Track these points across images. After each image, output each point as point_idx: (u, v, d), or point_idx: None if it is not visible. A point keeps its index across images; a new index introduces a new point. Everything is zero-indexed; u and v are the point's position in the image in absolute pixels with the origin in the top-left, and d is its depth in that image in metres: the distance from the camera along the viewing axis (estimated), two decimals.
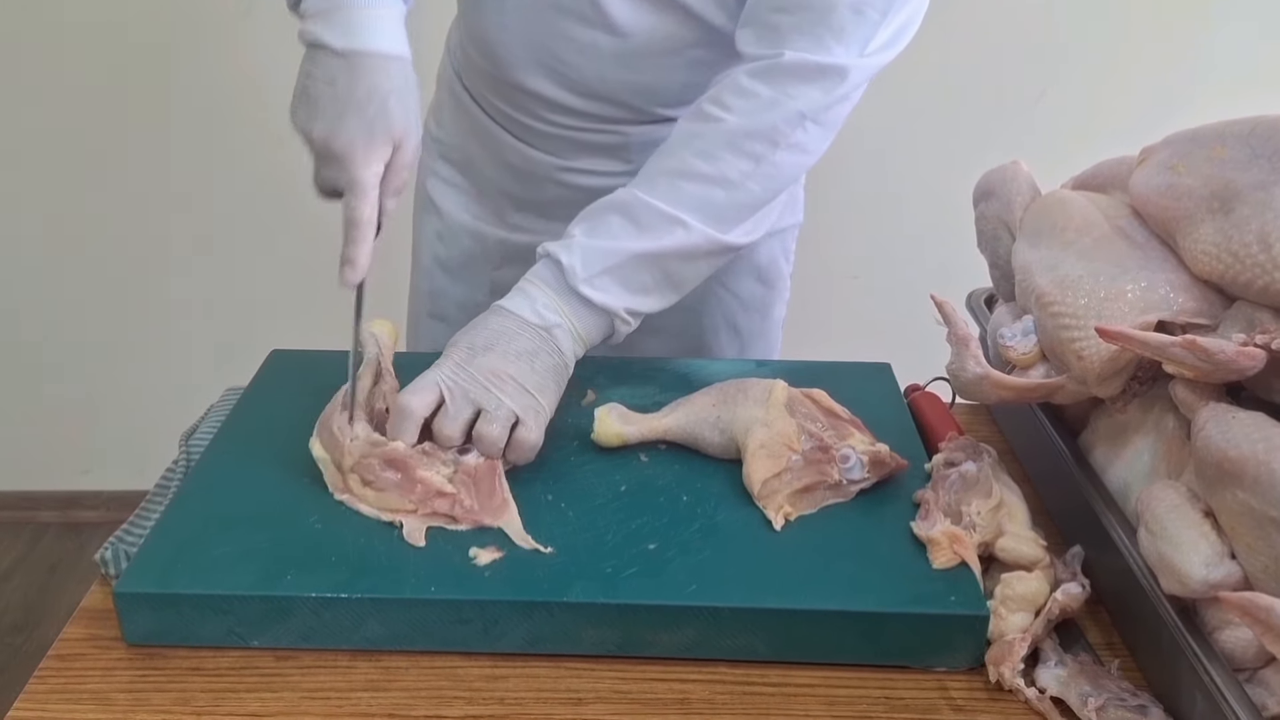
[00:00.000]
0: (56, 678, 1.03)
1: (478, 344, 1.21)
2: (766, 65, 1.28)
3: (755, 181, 1.30)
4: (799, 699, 1.01)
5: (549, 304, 1.25)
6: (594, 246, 1.26)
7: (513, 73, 1.48)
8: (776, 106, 1.28)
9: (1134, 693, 0.97)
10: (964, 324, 1.17)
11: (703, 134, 1.29)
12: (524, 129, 1.54)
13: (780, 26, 1.28)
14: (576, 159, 1.55)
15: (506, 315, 1.24)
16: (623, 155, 1.54)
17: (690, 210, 1.28)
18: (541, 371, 1.22)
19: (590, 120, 1.50)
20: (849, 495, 1.17)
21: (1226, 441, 0.91)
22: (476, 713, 0.99)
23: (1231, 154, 1.05)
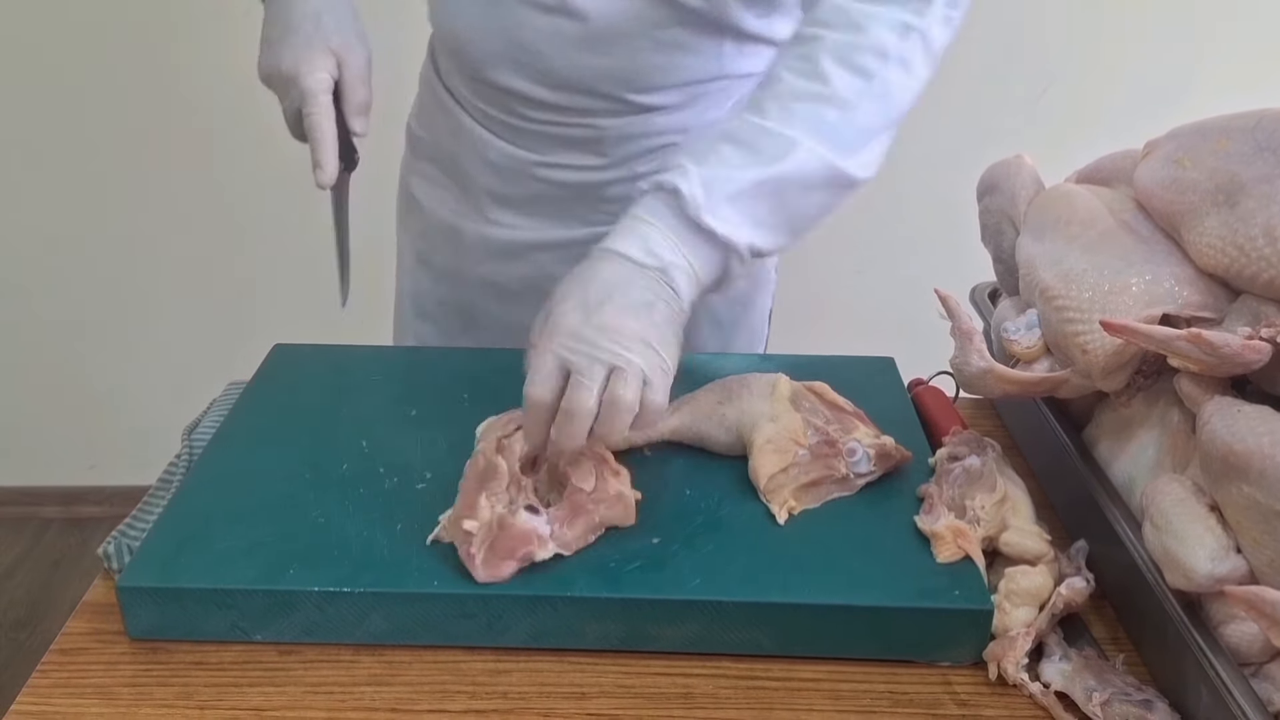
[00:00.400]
0: (59, 672, 1.03)
1: (591, 299, 1.09)
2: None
3: (868, 100, 1.22)
4: (803, 693, 1.01)
5: (664, 240, 1.14)
6: (712, 175, 1.15)
7: (483, 69, 1.48)
8: (878, 19, 1.21)
9: (1139, 687, 0.96)
10: (968, 318, 1.17)
11: (806, 55, 1.21)
12: (501, 125, 1.54)
13: None
14: (554, 154, 1.54)
15: (617, 260, 1.13)
16: (599, 149, 1.53)
17: (805, 131, 1.18)
18: (661, 324, 1.11)
19: (565, 114, 1.49)
20: (854, 489, 1.16)
21: (1232, 435, 0.90)
22: (479, 707, 0.99)
23: (1236, 147, 1.05)
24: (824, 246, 2.84)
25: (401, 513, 1.12)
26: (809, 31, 1.23)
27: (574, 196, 1.57)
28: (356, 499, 1.14)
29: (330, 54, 1.27)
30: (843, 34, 1.20)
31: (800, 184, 1.19)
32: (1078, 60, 2.64)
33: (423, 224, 1.71)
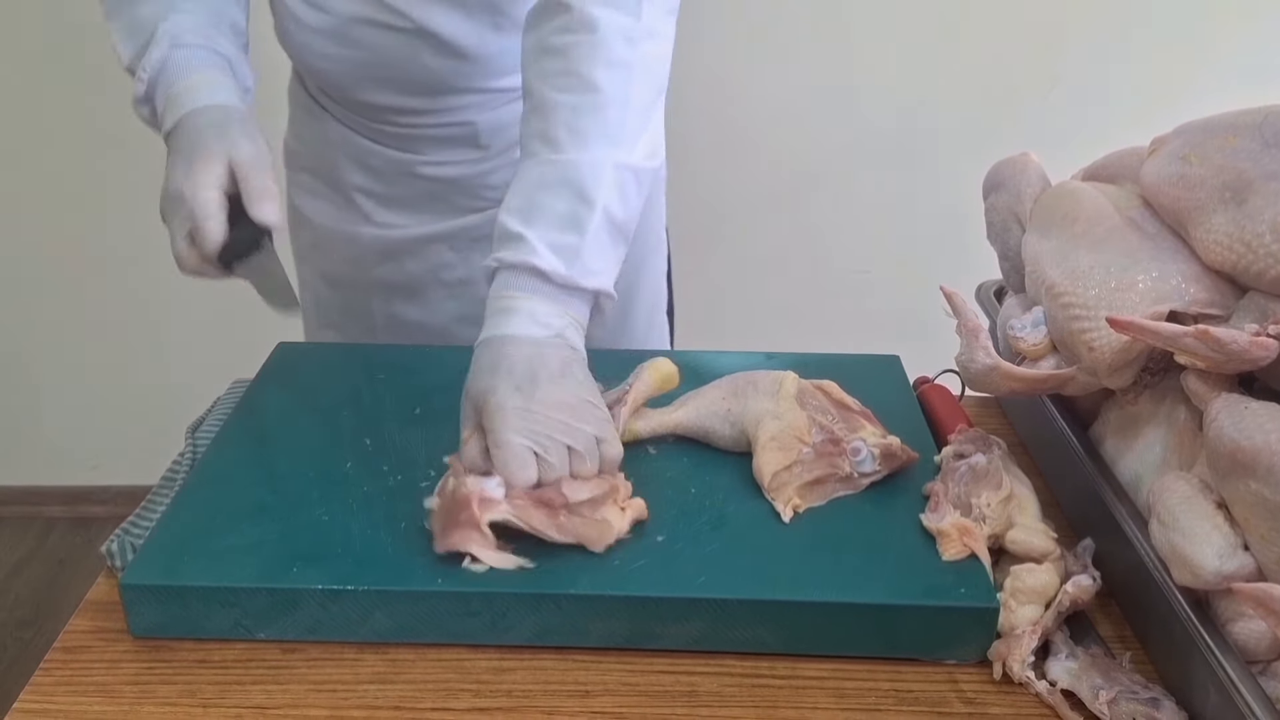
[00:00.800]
0: (62, 670, 1.03)
1: (522, 382, 1.12)
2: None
3: (637, 85, 1.26)
4: (808, 691, 1.01)
5: (548, 309, 1.19)
6: (557, 241, 1.20)
7: (346, 91, 1.52)
8: (607, 5, 1.25)
9: (1146, 685, 0.96)
10: (974, 315, 1.16)
11: (566, 69, 1.25)
12: (376, 132, 1.56)
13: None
14: (434, 153, 1.56)
15: (517, 343, 1.16)
16: (474, 142, 1.56)
17: (601, 145, 1.23)
18: (583, 380, 1.17)
19: (438, 115, 1.52)
20: (859, 488, 1.16)
21: (1239, 432, 0.90)
22: (484, 705, 0.99)
23: (1244, 144, 1.04)
24: (830, 245, 2.85)
25: (405, 510, 1.12)
26: (553, 43, 1.26)
27: (456, 190, 1.60)
28: (360, 497, 1.14)
29: (217, 164, 1.25)
30: (583, 35, 1.25)
31: (621, 202, 1.24)
32: (1084, 58, 2.64)
33: (312, 236, 1.72)
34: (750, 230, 2.84)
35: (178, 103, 1.31)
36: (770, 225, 2.82)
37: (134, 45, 1.36)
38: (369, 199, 1.63)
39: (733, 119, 1.41)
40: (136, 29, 1.36)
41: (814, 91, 2.69)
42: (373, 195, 1.63)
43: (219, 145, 1.26)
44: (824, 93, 2.70)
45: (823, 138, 2.73)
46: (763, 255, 2.86)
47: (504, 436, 1.08)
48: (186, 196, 1.24)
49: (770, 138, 2.70)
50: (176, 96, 1.31)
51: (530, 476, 1.08)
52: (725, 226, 2.77)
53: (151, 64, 1.33)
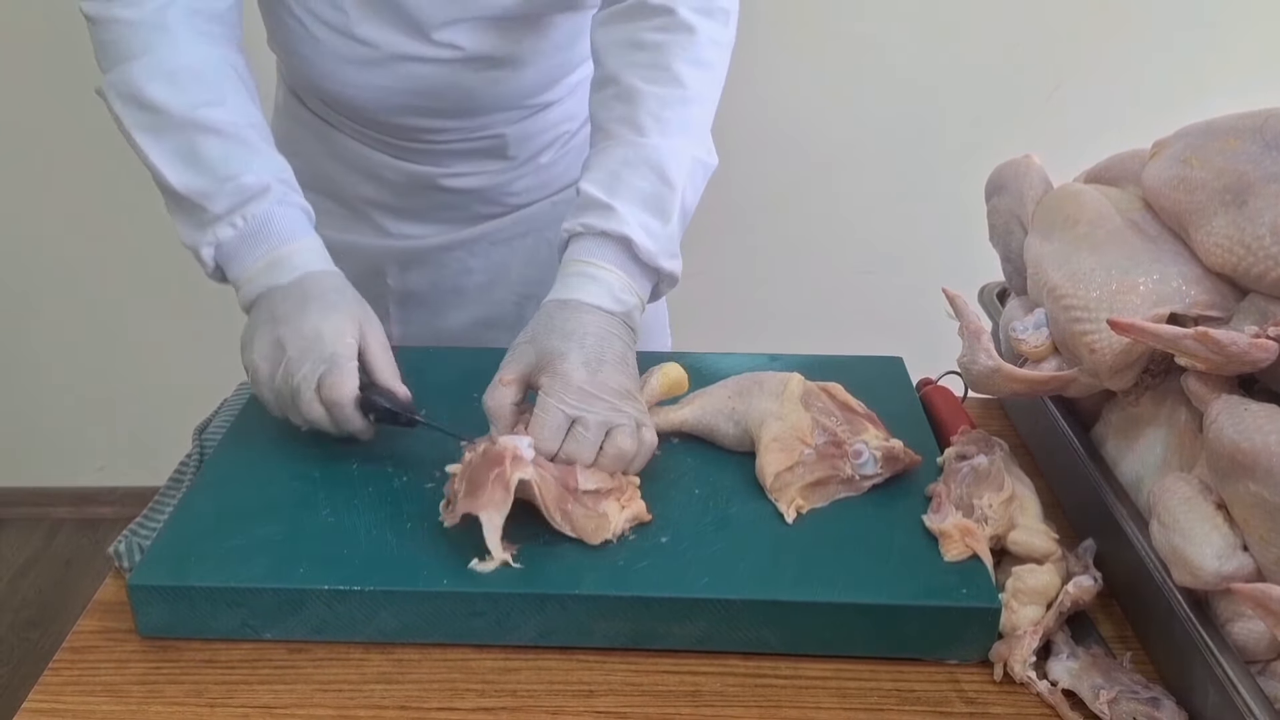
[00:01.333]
0: (70, 670, 1.03)
1: (591, 359, 1.15)
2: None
3: (715, 89, 1.36)
4: (811, 691, 1.01)
5: (624, 286, 1.23)
6: (647, 220, 1.25)
7: (376, 116, 1.51)
8: (702, 13, 1.32)
9: (1146, 685, 0.97)
10: (976, 317, 1.17)
11: (657, 63, 1.31)
12: (398, 149, 1.56)
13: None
14: (458, 165, 1.57)
15: (594, 312, 1.20)
16: (502, 154, 1.57)
17: (683, 137, 1.30)
18: (634, 371, 1.21)
19: (468, 131, 1.53)
20: (861, 489, 1.17)
21: (1239, 433, 0.90)
22: (488, 704, 0.99)
23: (1244, 147, 1.05)
24: (832, 247, 2.85)
25: (411, 511, 1.13)
26: (647, 39, 1.31)
27: (477, 199, 1.61)
28: (366, 497, 1.14)
29: (354, 321, 1.23)
30: (680, 35, 1.31)
31: (694, 192, 1.30)
32: (1086, 60, 2.64)
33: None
34: (753, 232, 2.84)
35: (294, 263, 1.27)
36: (773, 227, 2.83)
37: (207, 180, 1.28)
38: (383, 212, 1.63)
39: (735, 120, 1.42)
40: (206, 160, 1.28)
41: (817, 94, 2.69)
42: (388, 208, 1.63)
43: (357, 307, 1.25)
44: (827, 95, 2.70)
45: (825, 139, 2.73)
46: (766, 257, 2.86)
47: (553, 403, 1.12)
48: (327, 338, 1.19)
49: (773, 139, 2.70)
50: (291, 256, 1.27)
51: (553, 448, 1.12)
52: (728, 228, 2.77)
53: (255, 216, 1.27)
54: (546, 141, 1.59)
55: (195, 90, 1.29)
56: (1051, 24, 2.60)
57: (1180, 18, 2.58)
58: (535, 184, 1.61)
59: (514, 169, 1.58)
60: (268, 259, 1.27)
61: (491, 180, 1.58)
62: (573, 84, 1.56)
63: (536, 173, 1.60)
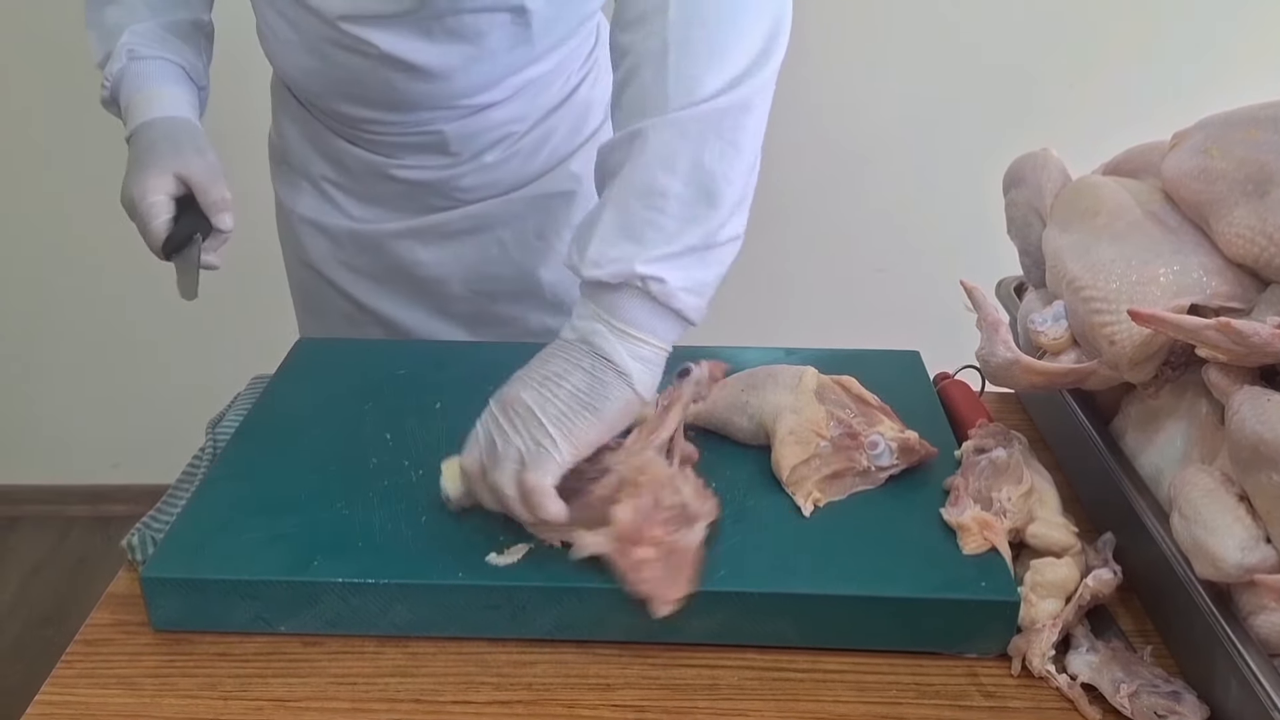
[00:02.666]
0: (84, 662, 1.03)
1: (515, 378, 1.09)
2: None
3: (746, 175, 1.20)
4: (829, 684, 1.01)
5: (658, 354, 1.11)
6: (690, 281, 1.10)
7: (320, 101, 1.56)
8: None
9: (1167, 679, 0.96)
10: (994, 309, 1.16)
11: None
12: (350, 135, 1.59)
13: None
14: (404, 157, 1.59)
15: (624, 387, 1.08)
16: (443, 149, 1.57)
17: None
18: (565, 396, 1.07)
19: (407, 125, 1.54)
20: (878, 482, 1.16)
21: (1262, 424, 0.90)
22: (504, 698, 0.99)
23: (1265, 137, 1.04)
24: (849, 242, 2.85)
25: (426, 504, 1.12)
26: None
27: (428, 191, 1.62)
28: (381, 491, 1.14)
29: (166, 173, 1.36)
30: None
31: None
32: (1105, 54, 2.63)
33: (293, 225, 1.75)
34: (770, 227, 2.83)
35: (133, 114, 1.44)
36: (789, 222, 2.82)
37: (103, 50, 1.50)
38: (343, 194, 1.67)
39: None
40: (105, 34, 1.49)
41: (833, 90, 2.69)
42: (347, 190, 1.67)
43: (170, 159, 1.38)
44: (844, 90, 2.69)
45: (842, 134, 2.73)
46: (782, 252, 2.86)
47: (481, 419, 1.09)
48: (136, 201, 1.37)
49: (788, 135, 2.69)
50: (132, 108, 1.45)
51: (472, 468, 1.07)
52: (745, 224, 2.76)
53: (113, 75, 1.47)
54: (490, 141, 1.58)
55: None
56: (1069, 16, 2.59)
57: (1200, 9, 2.57)
58: (482, 182, 1.62)
59: (457, 165, 1.59)
60: (124, 113, 1.48)
61: (437, 174, 1.60)
62: (513, 87, 1.53)
63: (481, 171, 1.60)
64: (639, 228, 1.09)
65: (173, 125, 1.43)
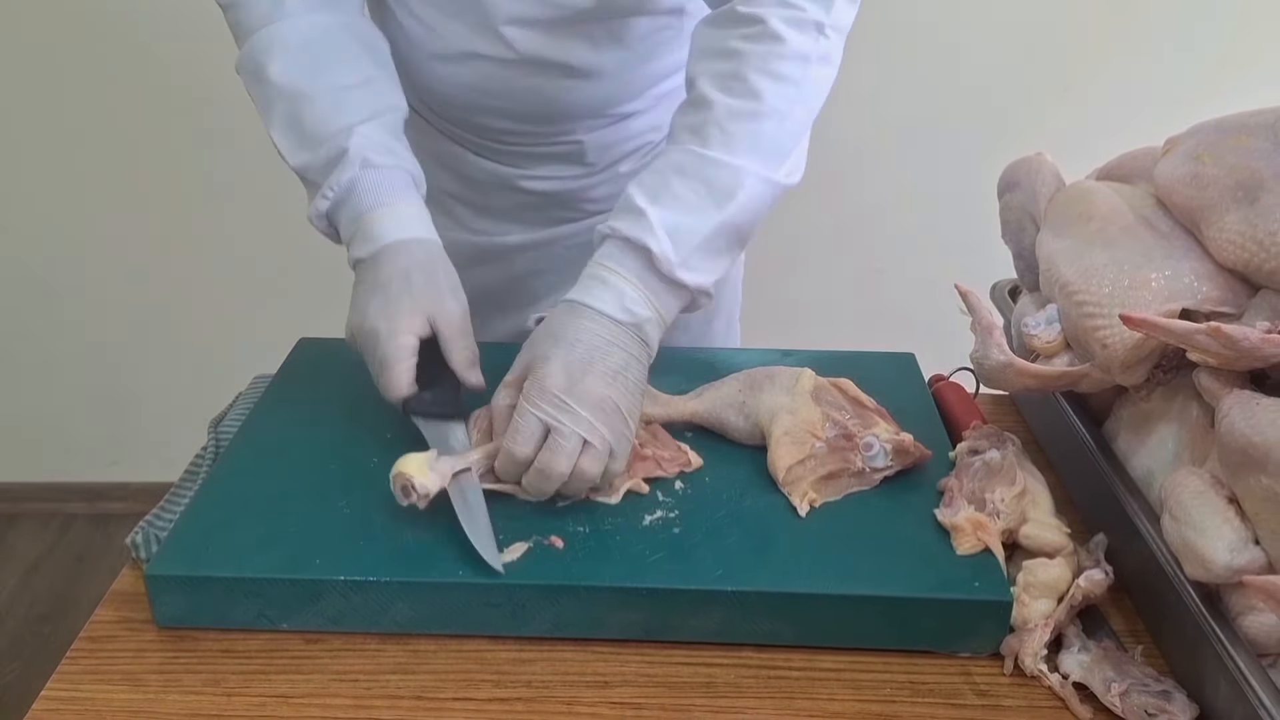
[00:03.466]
0: (89, 659, 1.04)
1: (574, 366, 1.12)
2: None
3: (799, 105, 1.26)
4: (824, 683, 1.02)
5: (638, 297, 1.17)
6: (677, 224, 1.19)
7: (460, 113, 1.51)
8: (792, 24, 1.23)
9: (1157, 679, 0.97)
10: (988, 312, 1.17)
11: (734, 73, 1.24)
12: (479, 146, 1.56)
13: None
14: (536, 168, 1.56)
15: (596, 317, 1.16)
16: (581, 160, 1.56)
17: (749, 155, 1.22)
18: (633, 387, 1.16)
19: (548, 136, 1.52)
20: (873, 483, 1.17)
21: (1251, 428, 0.91)
22: (504, 695, 1.00)
23: (1257, 144, 1.05)
24: (845, 245, 2.86)
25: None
26: (730, 46, 1.24)
27: (555, 203, 1.60)
28: (383, 490, 1.14)
29: (419, 314, 1.21)
30: (764, 45, 1.23)
31: (750, 212, 1.23)
32: (1098, 58, 2.64)
33: None
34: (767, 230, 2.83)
35: (371, 232, 1.26)
36: (787, 224, 2.82)
37: (309, 153, 1.30)
38: (464, 207, 1.64)
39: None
40: (306, 135, 1.30)
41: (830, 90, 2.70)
42: (469, 203, 1.63)
43: (426, 298, 1.23)
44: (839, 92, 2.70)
45: (837, 137, 2.72)
46: (778, 254, 2.86)
47: (528, 408, 1.10)
48: (383, 339, 1.20)
49: None
50: (370, 225, 1.27)
51: (525, 453, 1.09)
52: None
53: (340, 185, 1.27)
54: (626, 150, 1.57)
55: (304, 59, 1.30)
56: (1064, 21, 2.60)
57: (1193, 15, 2.58)
58: (614, 191, 1.52)
59: (592, 175, 1.57)
60: (353, 229, 1.28)
61: (569, 185, 1.57)
62: (658, 95, 1.53)
63: (615, 181, 1.58)
64: (721, 256, 1.23)
65: (427, 255, 1.27)
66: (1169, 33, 2.60)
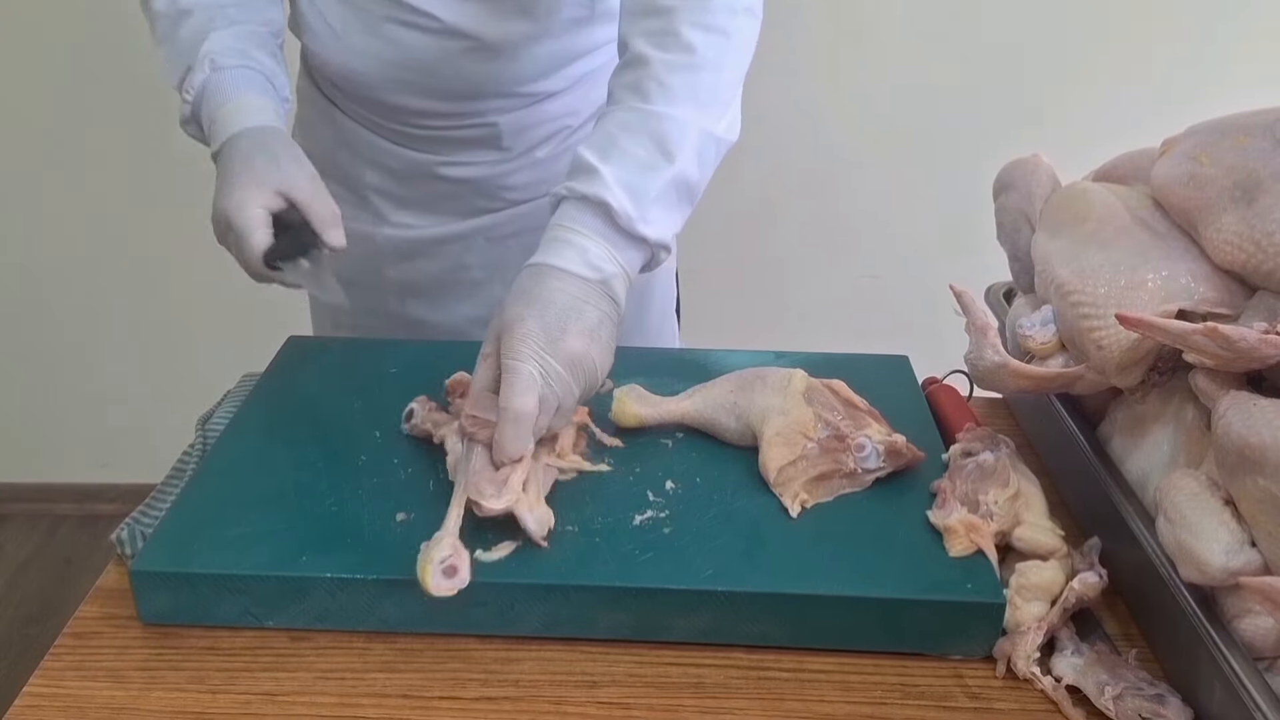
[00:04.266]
0: (72, 655, 1.03)
1: (550, 324, 1.12)
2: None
3: (731, 55, 1.29)
4: (814, 684, 1.01)
5: (602, 252, 1.19)
6: (629, 179, 1.21)
7: (373, 93, 1.52)
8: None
9: (1151, 682, 0.96)
10: (983, 313, 1.17)
11: (665, 29, 1.27)
12: (397, 134, 1.57)
13: None
14: (454, 154, 1.57)
15: (564, 276, 1.16)
16: (496, 144, 1.56)
17: (688, 105, 1.25)
18: (606, 342, 1.17)
19: (461, 118, 1.53)
20: (865, 484, 1.17)
21: (1248, 429, 0.90)
22: (491, 694, 0.99)
23: (1254, 144, 1.05)
24: (839, 247, 2.86)
25: (414, 501, 1.13)
26: (660, 4, 1.28)
27: (475, 191, 1.60)
28: (370, 488, 1.15)
29: (265, 187, 1.27)
30: (693, 0, 1.27)
31: (698, 166, 1.25)
32: (1094, 59, 2.64)
33: None
34: (760, 232, 2.84)
35: (220, 127, 1.33)
36: (780, 226, 2.83)
37: (179, 67, 1.39)
38: (385, 199, 1.64)
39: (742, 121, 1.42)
40: (180, 50, 1.39)
41: (823, 93, 2.70)
42: (389, 195, 1.63)
43: (269, 172, 1.28)
44: (833, 93, 2.70)
45: (832, 139, 2.74)
46: (772, 257, 2.87)
47: (517, 362, 1.10)
48: (231, 216, 1.26)
49: (779, 139, 2.71)
50: (219, 120, 1.34)
51: (531, 403, 1.08)
52: (735, 228, 2.77)
53: (195, 87, 1.37)
54: (543, 135, 1.58)
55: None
56: (1059, 22, 2.60)
57: (1190, 17, 2.59)
58: (532, 179, 1.60)
59: (509, 161, 1.58)
60: (209, 128, 1.36)
61: (487, 171, 1.58)
62: (573, 76, 1.55)
63: (533, 167, 1.60)
64: (675, 209, 1.25)
65: (266, 135, 1.33)
66: (1166, 34, 2.61)
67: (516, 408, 1.08)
